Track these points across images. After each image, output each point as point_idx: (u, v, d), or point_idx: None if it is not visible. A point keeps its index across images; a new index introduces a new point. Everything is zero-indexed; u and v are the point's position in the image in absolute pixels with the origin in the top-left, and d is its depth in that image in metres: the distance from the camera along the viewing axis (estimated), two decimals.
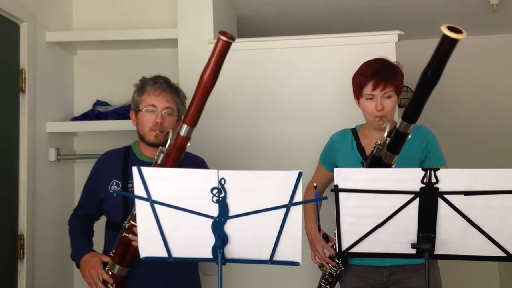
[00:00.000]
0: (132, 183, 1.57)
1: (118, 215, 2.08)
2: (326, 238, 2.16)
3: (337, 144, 2.27)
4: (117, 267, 2.00)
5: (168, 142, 1.85)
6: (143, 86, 2.13)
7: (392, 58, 2.75)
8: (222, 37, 1.62)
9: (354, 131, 2.26)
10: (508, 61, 4.47)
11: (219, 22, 3.10)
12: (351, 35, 2.85)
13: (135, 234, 1.72)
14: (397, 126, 1.74)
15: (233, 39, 1.64)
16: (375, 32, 2.81)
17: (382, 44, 2.78)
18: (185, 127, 1.77)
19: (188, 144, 1.82)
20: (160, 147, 1.87)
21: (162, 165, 1.85)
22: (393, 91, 2.09)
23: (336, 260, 2.13)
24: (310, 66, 2.85)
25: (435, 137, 2.18)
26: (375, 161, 1.89)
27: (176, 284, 2.14)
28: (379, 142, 1.88)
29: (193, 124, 1.77)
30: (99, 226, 2.30)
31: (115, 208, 2.10)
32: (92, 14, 3.22)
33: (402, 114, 1.72)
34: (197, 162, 2.21)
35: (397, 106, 2.18)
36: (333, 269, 2.13)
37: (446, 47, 1.50)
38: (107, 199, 2.13)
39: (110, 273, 2.00)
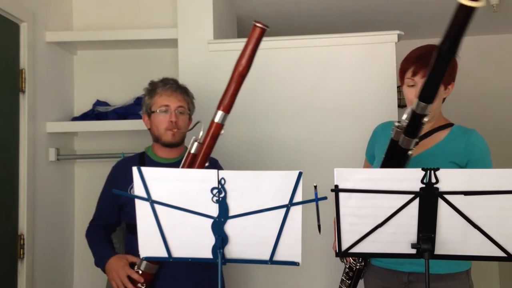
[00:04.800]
0: None
1: None
2: None
3: (378, 135, 2.16)
4: (146, 264, 1.97)
5: (201, 132, 1.88)
6: (153, 89, 2.17)
7: (392, 58, 2.77)
8: (258, 24, 1.74)
9: None
10: (508, 61, 4.47)
11: (219, 22, 3.10)
12: (351, 35, 2.85)
13: None
14: (413, 107, 1.57)
15: (267, 27, 1.75)
16: (375, 32, 2.81)
17: (382, 44, 2.78)
18: (220, 113, 1.81)
19: (222, 132, 1.84)
20: (193, 137, 1.89)
21: (196, 154, 1.87)
22: None
23: None
24: (310, 66, 2.85)
25: (486, 149, 1.93)
26: (393, 145, 1.71)
27: (205, 284, 2.10)
28: (397, 124, 1.67)
29: (228, 110, 1.81)
30: None
31: None
32: (92, 14, 3.22)
33: (418, 94, 1.54)
34: (211, 162, 2.20)
35: (441, 100, 1.98)
36: (352, 263, 2.02)
37: (461, 17, 1.39)
38: (127, 203, 2.10)
39: (140, 272, 1.98)
